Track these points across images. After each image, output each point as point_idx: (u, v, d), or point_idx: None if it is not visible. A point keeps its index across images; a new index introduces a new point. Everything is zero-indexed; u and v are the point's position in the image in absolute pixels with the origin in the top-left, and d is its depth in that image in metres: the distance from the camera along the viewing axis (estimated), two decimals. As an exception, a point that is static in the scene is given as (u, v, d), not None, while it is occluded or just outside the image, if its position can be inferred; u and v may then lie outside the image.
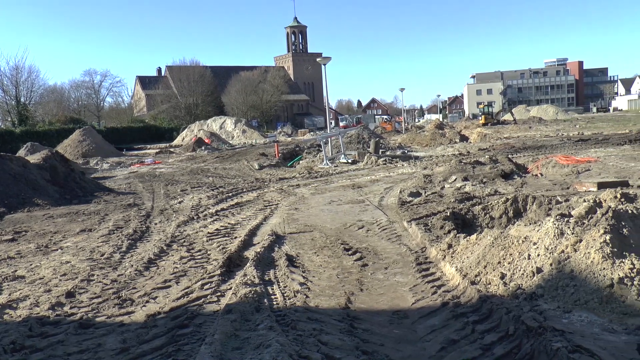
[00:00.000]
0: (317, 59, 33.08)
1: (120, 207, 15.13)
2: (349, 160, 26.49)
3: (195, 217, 12.92)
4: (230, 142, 56.19)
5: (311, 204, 14.71)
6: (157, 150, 45.74)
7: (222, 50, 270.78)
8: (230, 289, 7.03)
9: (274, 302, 6.52)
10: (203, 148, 42.50)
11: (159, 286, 7.53)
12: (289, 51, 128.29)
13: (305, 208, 14.03)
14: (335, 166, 25.14)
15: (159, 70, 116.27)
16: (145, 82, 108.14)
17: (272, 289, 7.06)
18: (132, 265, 8.65)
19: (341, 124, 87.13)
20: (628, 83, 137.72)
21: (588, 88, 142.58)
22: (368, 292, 7.10)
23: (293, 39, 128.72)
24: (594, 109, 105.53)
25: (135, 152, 49.19)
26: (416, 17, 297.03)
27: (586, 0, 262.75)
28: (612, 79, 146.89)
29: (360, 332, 5.67)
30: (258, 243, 9.90)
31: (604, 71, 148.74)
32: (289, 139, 61.65)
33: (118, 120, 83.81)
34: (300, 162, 28.24)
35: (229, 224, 12.09)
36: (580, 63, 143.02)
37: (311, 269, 8.18)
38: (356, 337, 5.50)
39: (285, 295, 6.82)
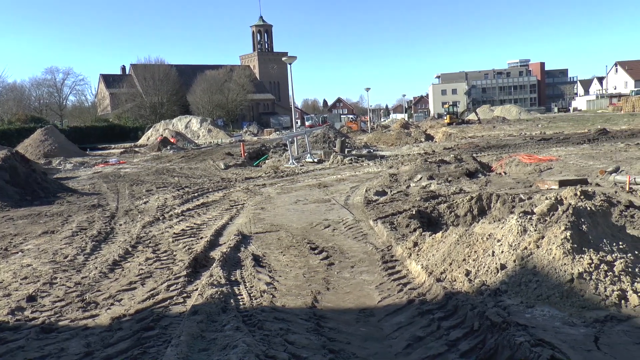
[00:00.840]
0: (283, 58, 33.01)
1: (84, 208, 14.86)
2: (315, 160, 26.50)
3: (160, 218, 12.78)
4: (196, 141, 55.84)
5: (277, 203, 14.69)
6: (122, 150, 45.11)
7: (187, 49, 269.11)
8: (197, 289, 6.97)
9: (241, 303, 6.49)
10: (168, 148, 42.07)
11: (124, 288, 7.42)
12: (254, 50, 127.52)
13: (272, 207, 14.00)
14: (301, 165, 25.12)
15: (124, 68, 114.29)
16: (109, 80, 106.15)
17: (239, 289, 7.02)
18: (96, 268, 8.50)
19: (307, 123, 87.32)
20: (586, 84, 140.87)
21: (549, 89, 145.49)
22: (334, 290, 7.12)
23: (259, 38, 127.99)
24: (555, 109, 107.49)
25: (100, 152, 48.39)
26: (382, 17, 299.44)
27: (547, 3, 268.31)
28: (571, 80, 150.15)
29: (327, 331, 5.68)
30: (224, 243, 9.84)
31: (564, 72, 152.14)
32: (255, 138, 61.48)
33: (81, 120, 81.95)
34: (266, 161, 28.11)
35: (195, 224, 11.99)
36: (542, 64, 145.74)
37: (277, 269, 8.17)
38: (323, 336, 5.51)
39: (251, 295, 6.80)
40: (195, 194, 16.73)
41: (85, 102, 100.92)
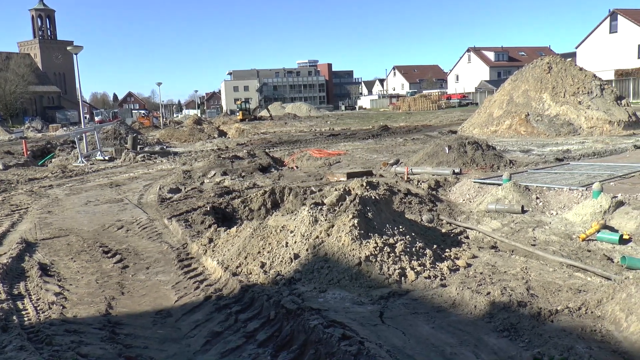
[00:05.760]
0: (68, 48, 30.74)
1: None
2: (106, 158, 25.37)
3: None
4: (-34, 140, 49.98)
5: (66, 205, 13.76)
6: None
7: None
8: (-30, 310, 6.24)
9: (26, 318, 5.98)
10: None
11: None
12: (35, 37, 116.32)
13: (60, 211, 13.07)
14: (91, 164, 23.85)
15: None
16: None
17: (23, 304, 6.46)
18: None
19: (96, 118, 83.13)
20: (370, 85, 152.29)
21: (337, 88, 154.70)
22: (130, 294, 6.89)
23: (40, 24, 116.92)
24: (343, 107, 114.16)
25: None
26: (173, 10, 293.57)
27: (333, 8, 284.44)
28: (357, 81, 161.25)
29: (123, 338, 5.49)
30: (5, 253, 8.93)
31: (350, 73, 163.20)
32: (39, 134, 56.65)
33: None
34: (53, 160, 26.19)
35: (-34, 234, 10.72)
36: (330, 65, 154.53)
37: (68, 277, 7.67)
38: (119, 344, 5.31)
39: (38, 308, 6.29)
40: (-33, 201, 14.96)
41: None
